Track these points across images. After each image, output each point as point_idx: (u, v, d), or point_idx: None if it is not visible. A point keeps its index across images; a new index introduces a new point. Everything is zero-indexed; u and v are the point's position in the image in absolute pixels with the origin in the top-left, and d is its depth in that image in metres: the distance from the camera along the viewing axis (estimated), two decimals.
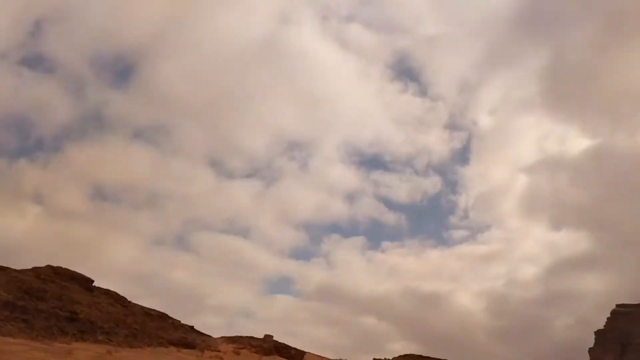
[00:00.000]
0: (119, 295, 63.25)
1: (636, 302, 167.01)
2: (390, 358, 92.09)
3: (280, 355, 70.12)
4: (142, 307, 64.88)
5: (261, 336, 75.45)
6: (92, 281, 61.45)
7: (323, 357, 78.56)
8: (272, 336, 74.71)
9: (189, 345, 59.88)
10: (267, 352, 69.44)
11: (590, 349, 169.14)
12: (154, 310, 66.28)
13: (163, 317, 66.10)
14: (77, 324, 49.74)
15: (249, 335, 75.09)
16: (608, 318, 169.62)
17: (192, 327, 69.52)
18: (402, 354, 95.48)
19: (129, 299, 65.29)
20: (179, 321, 68.21)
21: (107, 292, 61.78)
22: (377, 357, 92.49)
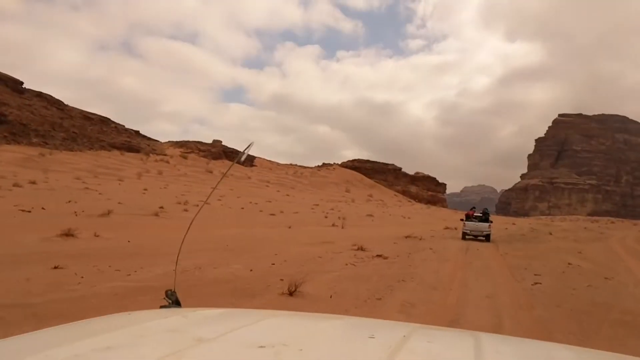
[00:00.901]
0: (54, 98, 59.62)
1: (578, 113, 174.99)
2: (340, 163, 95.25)
3: (230, 160, 70.69)
4: (81, 111, 62.01)
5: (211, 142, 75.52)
6: (22, 83, 57.27)
7: (273, 162, 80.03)
8: (220, 141, 74.90)
9: (133, 149, 59.02)
10: (216, 157, 69.87)
11: (529, 155, 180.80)
12: (94, 114, 63.63)
13: (105, 121, 63.85)
14: (6, 126, 47.23)
15: (197, 140, 75.05)
16: (549, 127, 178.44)
17: (137, 132, 67.97)
18: (351, 159, 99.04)
19: (66, 103, 62.15)
20: (123, 126, 66.32)
21: (40, 95, 58.00)
22: (327, 162, 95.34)
